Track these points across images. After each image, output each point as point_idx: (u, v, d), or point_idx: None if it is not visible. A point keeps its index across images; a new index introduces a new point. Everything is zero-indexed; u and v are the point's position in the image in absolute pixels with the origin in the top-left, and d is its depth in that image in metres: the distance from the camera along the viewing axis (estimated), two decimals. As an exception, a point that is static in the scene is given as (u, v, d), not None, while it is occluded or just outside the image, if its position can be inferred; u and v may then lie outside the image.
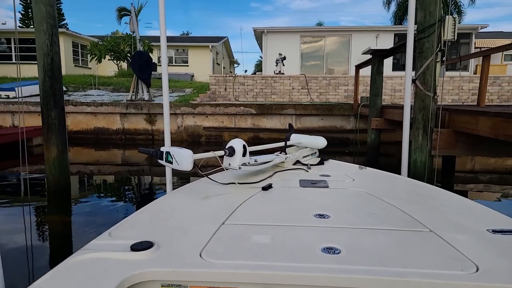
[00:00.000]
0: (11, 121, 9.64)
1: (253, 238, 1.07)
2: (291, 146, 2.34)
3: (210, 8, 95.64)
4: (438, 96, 3.81)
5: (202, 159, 1.61)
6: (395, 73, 12.90)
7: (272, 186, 1.67)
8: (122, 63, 17.89)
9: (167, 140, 2.52)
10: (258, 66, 34.47)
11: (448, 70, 13.89)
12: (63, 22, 26.61)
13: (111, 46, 16.22)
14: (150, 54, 12.38)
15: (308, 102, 10.84)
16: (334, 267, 0.88)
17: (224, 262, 0.92)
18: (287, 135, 2.42)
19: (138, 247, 0.97)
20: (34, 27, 4.20)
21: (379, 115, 6.63)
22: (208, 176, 1.75)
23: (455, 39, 3.63)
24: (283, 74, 12.79)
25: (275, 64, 13.58)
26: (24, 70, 10.68)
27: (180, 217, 1.29)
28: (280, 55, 13.55)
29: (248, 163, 1.79)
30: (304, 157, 2.31)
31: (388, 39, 15.28)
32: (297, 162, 2.22)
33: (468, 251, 0.98)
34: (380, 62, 6.59)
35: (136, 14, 11.36)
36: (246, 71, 35.00)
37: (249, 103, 10.09)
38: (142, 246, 0.98)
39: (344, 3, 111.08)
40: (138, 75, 10.41)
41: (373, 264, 0.90)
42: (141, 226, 1.20)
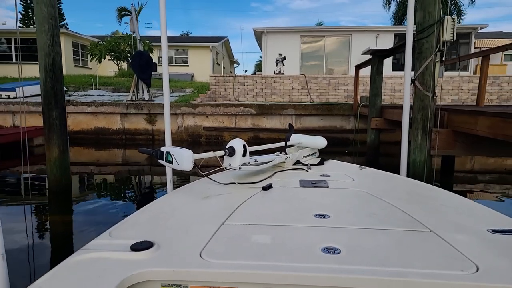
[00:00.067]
0: (11, 121, 9.65)
1: (253, 238, 1.07)
2: (291, 146, 2.34)
3: (210, 8, 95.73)
4: (437, 96, 3.82)
5: (202, 159, 1.61)
6: (395, 73, 12.91)
7: (272, 186, 1.67)
8: (122, 63, 17.91)
9: (168, 140, 2.51)
10: (258, 66, 34.46)
11: (447, 70, 13.90)
12: (63, 22, 26.66)
13: (111, 46, 16.24)
14: (150, 54, 12.39)
15: (308, 102, 10.86)
16: (334, 267, 0.89)
17: (224, 262, 0.92)
18: (287, 135, 2.42)
19: (138, 247, 0.97)
20: (36, 27, 4.21)
21: (378, 115, 6.65)
22: (208, 176, 1.75)
23: (454, 40, 3.65)
24: (283, 74, 12.79)
25: (275, 64, 13.59)
26: (25, 70, 10.69)
27: (180, 217, 1.29)
28: (280, 55, 13.55)
29: (248, 163, 1.79)
30: (304, 157, 2.31)
31: (388, 39, 15.28)
32: (297, 162, 2.22)
33: (468, 251, 0.98)
34: (380, 62, 6.60)
35: (136, 14, 11.38)
36: (246, 71, 35.00)
37: (249, 103, 10.10)
38: (142, 246, 0.98)
39: (344, 3, 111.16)
40: (139, 75, 10.42)
41: (373, 264, 0.90)
42: (141, 226, 1.20)
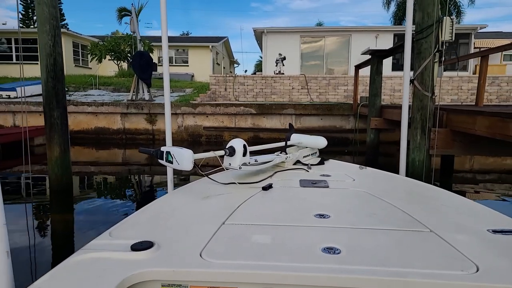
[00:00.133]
0: (12, 121, 9.68)
1: (253, 238, 1.07)
2: (291, 146, 2.34)
3: (210, 8, 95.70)
4: (436, 96, 3.85)
5: (203, 159, 1.61)
6: (394, 73, 12.93)
7: (272, 186, 1.66)
8: (123, 63, 17.93)
9: (169, 140, 2.50)
10: (258, 66, 34.48)
11: (447, 70, 13.92)
12: (64, 22, 26.73)
13: (111, 46, 16.27)
14: (151, 54, 12.42)
15: (308, 102, 10.88)
16: (334, 267, 0.88)
17: (224, 262, 0.92)
18: (287, 135, 2.42)
19: (139, 247, 0.97)
20: (37, 28, 4.24)
21: (378, 115, 6.67)
22: (209, 176, 1.75)
23: (452, 40, 3.67)
24: (283, 74, 12.82)
25: (275, 64, 13.61)
26: (25, 70, 10.71)
27: (181, 217, 1.29)
28: (280, 55, 13.57)
29: (249, 163, 1.79)
30: (304, 157, 2.31)
31: (388, 39, 15.30)
32: (297, 162, 2.21)
33: (469, 251, 0.98)
34: (379, 62, 6.62)
35: (137, 14, 11.41)
36: (246, 71, 35.03)
37: (249, 103, 10.12)
38: (142, 246, 0.97)
39: (344, 3, 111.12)
40: (139, 75, 10.44)
41: (373, 264, 0.90)
42: (141, 226, 1.19)
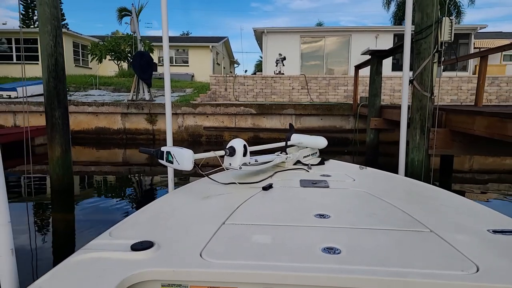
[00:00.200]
0: (12, 121, 9.70)
1: (253, 238, 1.07)
2: (291, 146, 2.34)
3: (210, 8, 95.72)
4: (435, 96, 3.87)
5: (203, 159, 1.61)
6: (394, 73, 12.95)
7: (272, 186, 1.66)
8: (123, 63, 17.96)
9: (169, 140, 2.48)
10: (258, 66, 34.50)
11: (447, 71, 13.95)
12: (64, 22, 26.74)
13: (111, 46, 16.29)
14: (151, 54, 12.44)
15: (307, 102, 10.90)
16: (334, 267, 0.89)
17: (225, 262, 0.92)
18: (287, 135, 2.42)
19: (139, 247, 0.97)
20: (39, 28, 4.26)
21: (378, 115, 6.69)
22: (209, 176, 1.75)
23: (451, 41, 3.69)
24: (283, 74, 12.84)
25: (275, 64, 13.62)
26: (25, 70, 10.73)
27: (181, 217, 1.29)
28: (280, 55, 13.59)
29: (249, 163, 1.79)
30: (304, 157, 2.31)
31: (388, 39, 15.31)
32: (297, 162, 2.21)
33: (469, 251, 0.98)
34: (379, 62, 6.64)
35: (137, 15, 11.43)
36: (246, 71, 35.04)
37: (249, 103, 10.14)
38: (142, 246, 0.98)
39: (344, 3, 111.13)
40: (139, 75, 10.46)
41: (373, 264, 0.90)
42: (141, 226, 1.19)
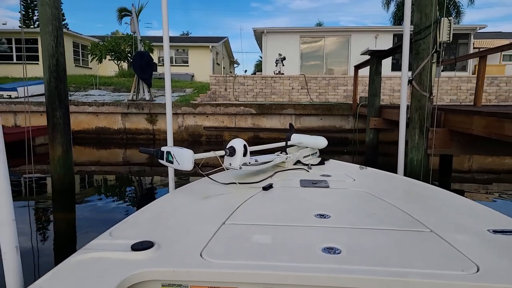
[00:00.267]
0: (13, 121, 9.72)
1: (253, 238, 1.06)
2: (291, 146, 2.35)
3: (210, 8, 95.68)
4: (434, 96, 3.90)
5: (203, 159, 1.61)
6: (394, 73, 12.97)
7: (272, 186, 1.67)
8: (123, 63, 17.98)
9: (170, 140, 2.51)
10: (258, 66, 34.52)
11: (446, 71, 13.98)
12: (64, 22, 26.77)
13: (111, 47, 16.31)
14: (151, 54, 12.46)
15: (307, 102, 10.93)
16: (334, 267, 0.89)
17: (225, 262, 0.92)
18: (287, 135, 2.42)
19: (139, 247, 0.97)
20: (40, 29, 4.28)
21: (377, 115, 6.72)
22: (209, 176, 1.75)
23: (450, 41, 3.72)
24: (283, 74, 12.86)
25: (275, 64, 13.65)
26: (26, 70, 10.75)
27: (181, 217, 1.29)
28: (279, 55, 13.61)
29: (249, 163, 1.79)
30: (304, 157, 2.31)
31: (387, 39, 15.34)
32: (297, 162, 2.21)
33: (469, 251, 0.98)
34: (379, 62, 6.67)
35: (137, 15, 11.45)
36: (246, 71, 35.07)
37: (249, 103, 10.17)
38: (142, 246, 0.98)
39: (344, 3, 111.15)
40: (139, 75, 10.48)
41: (373, 264, 0.90)
42: (141, 226, 1.19)
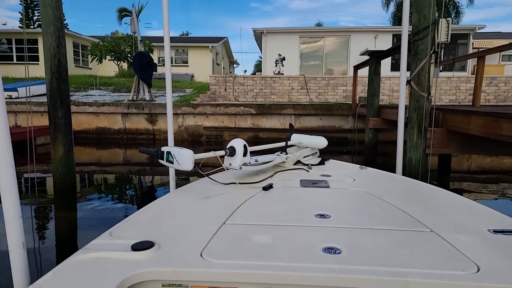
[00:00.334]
0: (14, 121, 9.74)
1: (253, 238, 1.06)
2: (291, 146, 2.35)
3: (210, 8, 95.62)
4: (432, 96, 3.94)
5: (203, 159, 1.61)
6: (393, 73, 12.99)
7: (272, 186, 1.67)
8: (123, 64, 18.00)
9: (170, 140, 2.52)
10: (258, 66, 34.53)
11: (445, 71, 14.02)
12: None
13: (111, 47, 16.33)
14: (151, 54, 12.50)
15: (307, 102, 10.96)
16: (334, 267, 0.89)
17: (225, 262, 0.92)
18: (287, 135, 2.43)
19: (139, 246, 0.97)
20: (42, 29, 4.32)
21: (376, 115, 6.75)
22: (209, 176, 1.75)
23: (448, 42, 3.76)
24: (283, 74, 12.89)
25: (275, 64, 13.67)
26: (24, 70, 10.76)
27: (181, 217, 1.29)
28: (279, 55, 13.64)
29: (249, 163, 1.79)
30: (304, 157, 2.31)
31: (387, 39, 15.37)
32: (297, 162, 2.21)
33: (469, 251, 0.97)
34: (378, 63, 6.71)
35: (137, 15, 11.49)
36: (245, 71, 35.17)
37: (249, 103, 10.20)
38: (143, 246, 0.98)
39: (343, 3, 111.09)
40: (140, 75, 10.51)
41: (374, 264, 0.90)
42: (142, 225, 1.19)
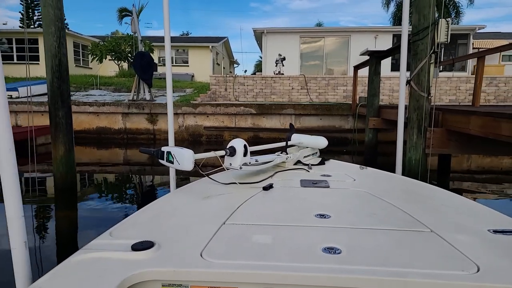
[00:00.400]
0: (14, 121, 9.75)
1: (253, 238, 1.06)
2: (292, 146, 2.36)
3: (210, 8, 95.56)
4: (432, 96, 3.95)
5: (203, 159, 1.61)
6: (393, 73, 13.00)
7: (273, 186, 1.67)
8: (123, 63, 18.01)
9: (171, 140, 2.52)
10: (258, 66, 34.53)
11: (445, 71, 14.02)
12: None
13: (112, 47, 16.34)
14: (151, 54, 12.50)
15: (307, 102, 10.97)
16: (334, 267, 0.89)
17: (225, 262, 0.92)
18: (288, 135, 2.43)
19: (139, 246, 0.97)
20: (43, 29, 4.33)
21: (376, 115, 6.77)
22: (209, 176, 1.75)
23: (448, 42, 3.77)
24: (283, 74, 12.90)
25: (275, 64, 13.68)
26: (24, 70, 10.77)
27: (181, 217, 1.29)
28: (279, 55, 13.64)
29: (249, 163, 1.79)
30: (305, 157, 2.32)
31: (387, 39, 15.38)
32: (298, 162, 2.21)
33: (469, 251, 0.97)
34: (378, 63, 6.72)
35: (137, 15, 11.50)
36: (245, 71, 35.20)
37: (249, 103, 10.21)
38: (143, 246, 0.98)
39: (343, 3, 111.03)
40: (140, 75, 10.51)
41: (374, 264, 0.90)
42: (142, 225, 1.19)
